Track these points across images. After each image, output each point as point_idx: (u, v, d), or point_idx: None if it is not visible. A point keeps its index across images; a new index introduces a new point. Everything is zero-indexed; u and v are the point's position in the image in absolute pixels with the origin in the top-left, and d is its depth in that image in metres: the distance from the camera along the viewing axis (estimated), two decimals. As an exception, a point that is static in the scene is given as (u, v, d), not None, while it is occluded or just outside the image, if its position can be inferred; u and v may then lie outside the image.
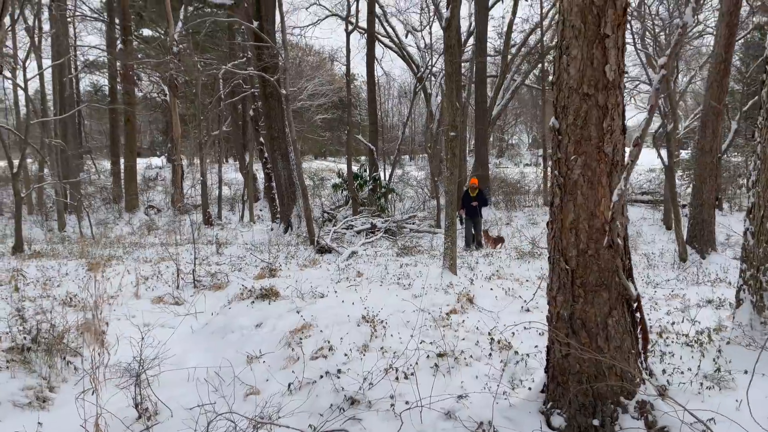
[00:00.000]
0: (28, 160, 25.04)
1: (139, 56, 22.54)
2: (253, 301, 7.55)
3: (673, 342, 5.01)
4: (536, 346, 5.45)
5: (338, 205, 19.75)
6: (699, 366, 4.30)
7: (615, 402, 3.58)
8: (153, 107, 29.74)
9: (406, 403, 4.26)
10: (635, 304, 3.70)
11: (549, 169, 21.83)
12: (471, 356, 5.15)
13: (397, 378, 4.68)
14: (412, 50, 23.55)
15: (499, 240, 14.12)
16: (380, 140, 23.80)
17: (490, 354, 5.26)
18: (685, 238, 10.93)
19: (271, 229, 18.42)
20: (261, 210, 23.15)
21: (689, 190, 19.92)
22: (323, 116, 32.40)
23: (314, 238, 12.91)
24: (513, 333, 5.98)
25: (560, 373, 3.76)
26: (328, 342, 5.56)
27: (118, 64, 21.68)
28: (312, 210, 18.81)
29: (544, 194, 20.83)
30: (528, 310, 6.80)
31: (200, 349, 6.68)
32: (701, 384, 3.96)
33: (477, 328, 6.08)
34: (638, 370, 3.68)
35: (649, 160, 31.41)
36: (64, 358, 5.88)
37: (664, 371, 4.20)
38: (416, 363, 4.91)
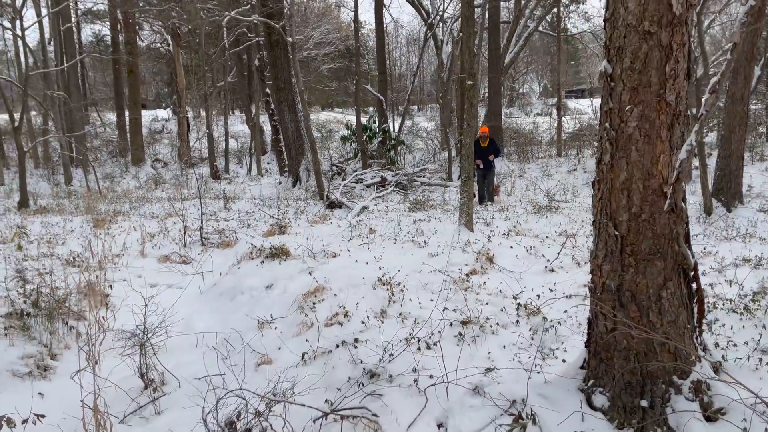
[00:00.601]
0: (32, 113, 24.51)
1: (140, 4, 21.65)
2: (263, 261, 7.18)
3: (718, 308, 4.60)
4: (565, 312, 5.07)
5: (347, 158, 19.20)
6: (756, 339, 3.89)
7: (667, 382, 3.19)
8: (157, 57, 28.90)
9: (431, 377, 3.90)
10: (692, 273, 3.26)
11: (560, 119, 21.10)
12: (497, 323, 4.77)
13: (419, 348, 4.32)
14: (421, -5, 22.51)
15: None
16: (389, 90, 23.06)
17: (517, 321, 4.88)
18: (710, 189, 10.41)
19: (280, 183, 17.99)
20: (269, 163, 22.66)
21: (707, 139, 19.22)
22: (330, 66, 31.47)
23: (324, 193, 12.48)
24: (538, 295, 5.59)
25: (604, 349, 3.37)
26: (343, 307, 5.19)
27: (118, 12, 20.85)
28: (320, 163, 18.34)
29: (557, 145, 20.19)
30: (552, 270, 6.39)
31: (209, 311, 6.35)
32: (760, 359, 3.56)
33: (500, 291, 5.69)
34: (694, 346, 3.27)
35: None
36: (66, 323, 5.56)
37: (716, 344, 3.80)
38: (439, 332, 4.54)
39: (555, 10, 22.05)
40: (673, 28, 2.88)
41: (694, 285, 3.30)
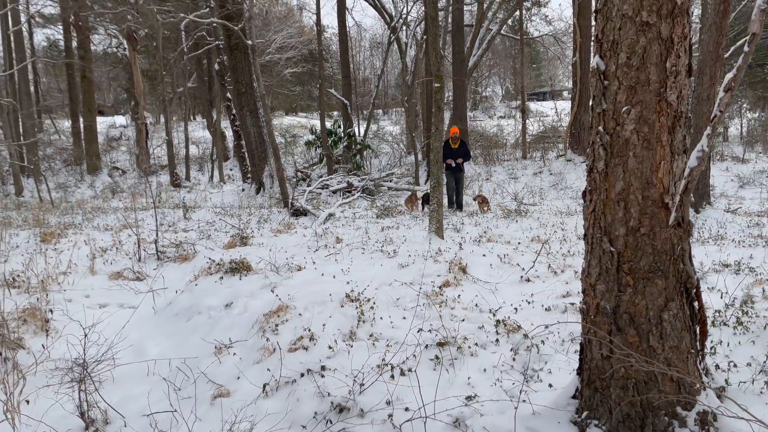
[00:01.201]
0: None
1: (94, 6, 20.75)
2: (222, 276, 6.67)
3: (709, 321, 4.30)
4: (546, 327, 4.70)
5: (312, 164, 18.69)
6: (757, 358, 3.59)
7: (670, 413, 2.84)
8: (113, 62, 27.84)
9: (406, 410, 3.48)
10: (694, 292, 2.93)
11: (525, 121, 20.99)
12: (476, 344, 4.38)
13: (392, 376, 3.89)
14: (384, -2, 22.15)
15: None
16: (354, 94, 22.64)
17: (497, 340, 4.50)
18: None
19: (243, 190, 17.40)
20: (231, 170, 21.97)
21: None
22: (293, 70, 30.90)
23: (288, 200, 11.97)
24: (516, 308, 5.23)
25: (599, 377, 3.01)
26: (309, 329, 4.73)
27: (71, 15, 19.91)
28: (285, 169, 17.79)
29: (522, 147, 20.06)
30: (528, 280, 6.05)
31: (162, 334, 5.81)
32: (766, 383, 3.24)
33: (476, 305, 5.31)
34: (698, 373, 2.93)
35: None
36: (1, 354, 4.97)
37: (717, 366, 3.48)
38: (414, 356, 4.13)
39: (517, 13, 21.96)
40: (674, 18, 2.53)
41: (695, 304, 2.96)
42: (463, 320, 4.87)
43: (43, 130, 25.85)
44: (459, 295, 5.56)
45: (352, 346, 4.40)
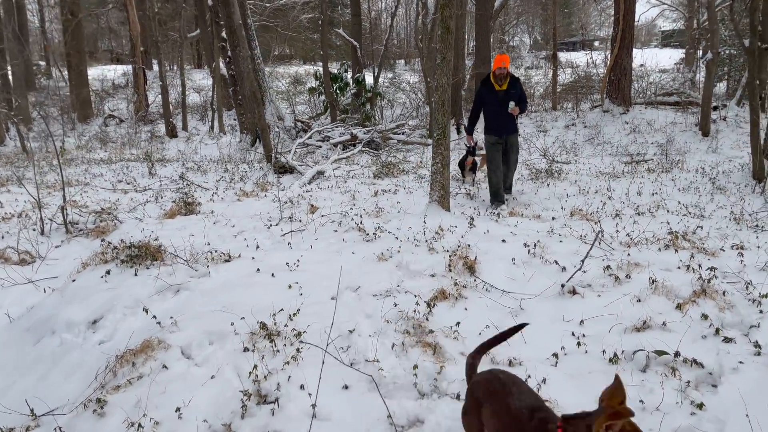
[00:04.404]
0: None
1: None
2: (118, 266, 4.35)
3: None
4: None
5: (317, 114, 16.16)
6: None
7: None
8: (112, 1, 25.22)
9: None
10: None
11: (556, 68, 18.08)
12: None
13: None
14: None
15: None
16: (366, 38, 19.77)
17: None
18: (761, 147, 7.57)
19: (239, 141, 15.04)
20: (235, 119, 19.54)
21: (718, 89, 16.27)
22: (309, 15, 27.88)
23: (271, 154, 9.55)
24: (556, 359, 2.82)
25: None
26: (152, 423, 2.39)
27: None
28: (283, 118, 15.30)
29: (553, 97, 17.14)
30: (574, 292, 3.59)
31: (-4, 364, 3.57)
32: None
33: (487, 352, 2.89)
34: None
35: (662, 59, 27.26)
36: None
37: None
38: None
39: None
40: None
41: None
42: (458, 398, 2.47)
43: (36, 76, 23.64)
44: (458, 323, 3.13)
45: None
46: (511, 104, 6.39)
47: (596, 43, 40.49)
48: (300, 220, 5.75)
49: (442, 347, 2.91)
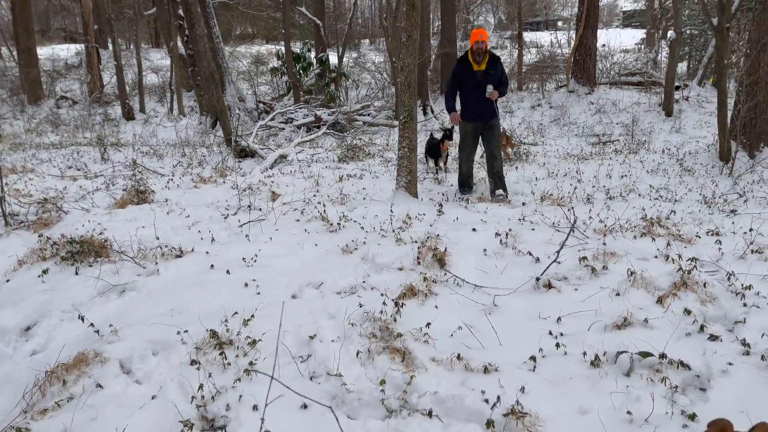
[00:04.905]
0: None
1: None
2: (57, 263, 3.95)
3: None
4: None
5: (281, 94, 15.61)
6: None
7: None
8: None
9: None
10: None
11: (521, 49, 17.92)
12: None
13: None
14: None
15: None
16: (330, 17, 19.20)
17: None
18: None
19: (199, 123, 14.42)
20: (196, 101, 18.81)
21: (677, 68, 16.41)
22: (272, -7, 27.01)
23: (231, 138, 9.09)
24: (534, 363, 2.58)
25: None
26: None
27: None
28: (245, 99, 14.74)
29: (518, 77, 16.97)
30: (550, 286, 3.36)
31: None
32: None
33: (459, 356, 2.62)
34: None
35: (625, 39, 27.37)
36: None
37: None
38: None
39: None
40: None
41: None
42: (430, 415, 2.21)
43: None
44: (428, 324, 2.87)
45: None
46: (489, 88, 5.71)
47: (560, 23, 40.57)
48: (260, 209, 5.40)
49: (411, 353, 2.65)
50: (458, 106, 5.97)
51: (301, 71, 14.33)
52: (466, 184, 6.21)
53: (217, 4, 22.80)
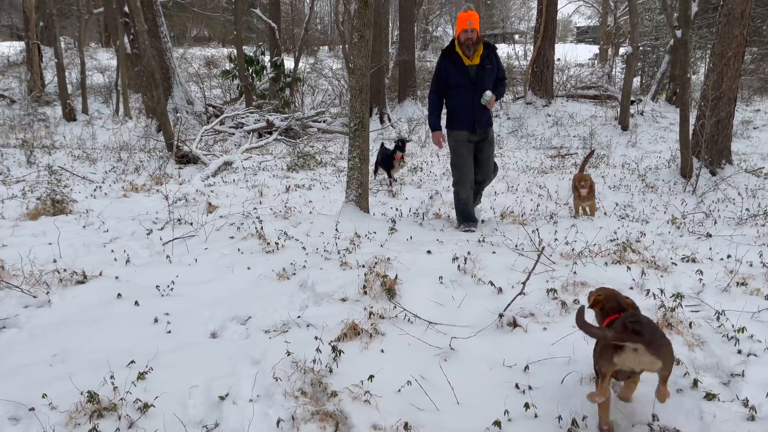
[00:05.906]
0: None
1: None
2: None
3: None
4: None
5: (232, 98, 14.85)
6: None
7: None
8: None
9: None
10: None
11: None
12: None
13: None
14: None
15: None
16: (287, 21, 18.56)
17: None
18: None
19: (145, 126, 13.51)
20: (143, 103, 17.80)
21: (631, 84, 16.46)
22: (229, -5, 26.14)
23: (171, 142, 8.35)
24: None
25: None
26: None
27: None
28: (193, 102, 13.91)
29: (476, 88, 16.68)
30: (515, 324, 2.85)
31: None
32: None
33: (407, 424, 2.08)
34: None
35: (580, 53, 27.62)
36: None
37: None
38: None
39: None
40: None
41: None
42: None
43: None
44: (371, 377, 2.31)
45: None
46: (488, 94, 4.48)
47: (517, 36, 40.90)
48: (191, 223, 4.74)
49: (347, 418, 2.09)
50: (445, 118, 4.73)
51: (254, 75, 13.62)
52: (468, 213, 4.76)
53: (170, 3, 21.84)
